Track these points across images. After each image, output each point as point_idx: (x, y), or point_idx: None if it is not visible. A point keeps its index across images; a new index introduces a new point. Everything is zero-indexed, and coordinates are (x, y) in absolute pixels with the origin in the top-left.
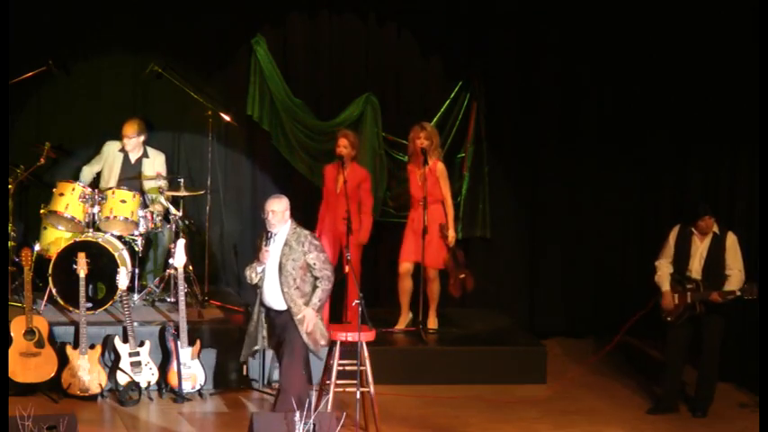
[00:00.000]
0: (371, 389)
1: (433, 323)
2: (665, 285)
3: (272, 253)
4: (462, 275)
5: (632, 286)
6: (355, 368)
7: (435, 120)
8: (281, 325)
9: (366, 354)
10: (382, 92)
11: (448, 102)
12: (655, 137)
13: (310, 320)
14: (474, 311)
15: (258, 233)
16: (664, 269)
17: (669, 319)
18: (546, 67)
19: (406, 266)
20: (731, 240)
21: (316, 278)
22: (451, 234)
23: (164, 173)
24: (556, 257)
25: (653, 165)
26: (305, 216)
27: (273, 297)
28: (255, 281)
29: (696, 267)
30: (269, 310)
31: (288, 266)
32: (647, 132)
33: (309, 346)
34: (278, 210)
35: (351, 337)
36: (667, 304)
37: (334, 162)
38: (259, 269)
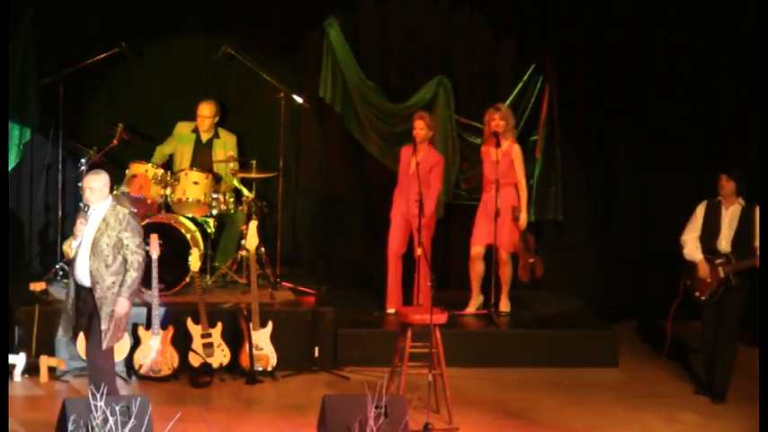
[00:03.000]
0: (443, 371)
1: (505, 306)
2: (698, 254)
3: (88, 229)
4: (532, 260)
5: None
6: (427, 351)
7: (508, 103)
8: (91, 303)
9: (438, 336)
10: (454, 74)
11: (521, 85)
12: (731, 118)
13: (122, 308)
14: (545, 294)
15: (79, 209)
16: (692, 242)
17: (702, 297)
18: (618, 48)
19: (477, 249)
20: (759, 212)
21: (126, 261)
22: (523, 217)
23: (235, 154)
24: (628, 240)
25: (726, 145)
26: (377, 198)
27: (83, 273)
28: (71, 255)
29: (725, 240)
30: (80, 287)
31: (102, 243)
32: (723, 113)
33: (103, 333)
34: (95, 186)
35: (423, 319)
36: (704, 273)
37: (410, 144)
38: (74, 244)
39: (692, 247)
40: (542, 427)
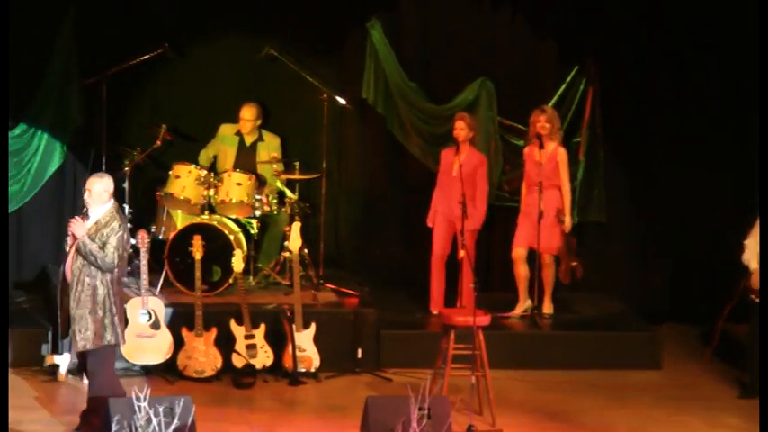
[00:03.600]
0: (486, 373)
1: (548, 308)
2: (754, 263)
3: (80, 230)
4: (574, 263)
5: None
6: (470, 353)
7: (551, 105)
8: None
9: (481, 338)
10: (496, 76)
11: (563, 86)
12: None
13: (78, 229)
14: (588, 296)
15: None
16: (752, 247)
17: (758, 300)
18: (660, 50)
19: (519, 252)
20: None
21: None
22: (568, 220)
23: (279, 156)
24: (670, 242)
25: None
26: (418, 199)
27: (69, 272)
28: (67, 249)
29: None
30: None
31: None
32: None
33: (73, 334)
34: (94, 190)
35: (466, 321)
36: (755, 283)
37: (450, 146)
38: (69, 242)
39: (750, 252)
40: (584, 430)
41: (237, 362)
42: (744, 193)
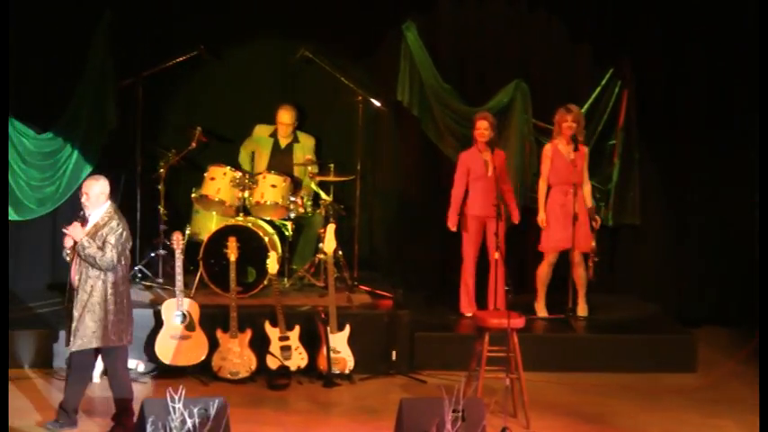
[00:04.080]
0: (521, 376)
1: (583, 310)
2: None
3: (78, 233)
4: (597, 260)
5: None
6: (504, 355)
7: (586, 107)
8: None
9: (515, 340)
10: (530, 78)
11: (598, 89)
12: None
13: (76, 232)
14: (622, 299)
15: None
16: None
17: None
18: (695, 52)
19: (555, 256)
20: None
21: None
22: (599, 217)
23: (313, 157)
24: (704, 245)
25: None
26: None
27: (74, 275)
28: (68, 260)
29: None
30: (74, 290)
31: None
32: None
33: (72, 333)
34: (92, 193)
35: (500, 323)
36: None
37: (469, 147)
38: (68, 246)
39: None
40: None
41: (272, 363)
42: None
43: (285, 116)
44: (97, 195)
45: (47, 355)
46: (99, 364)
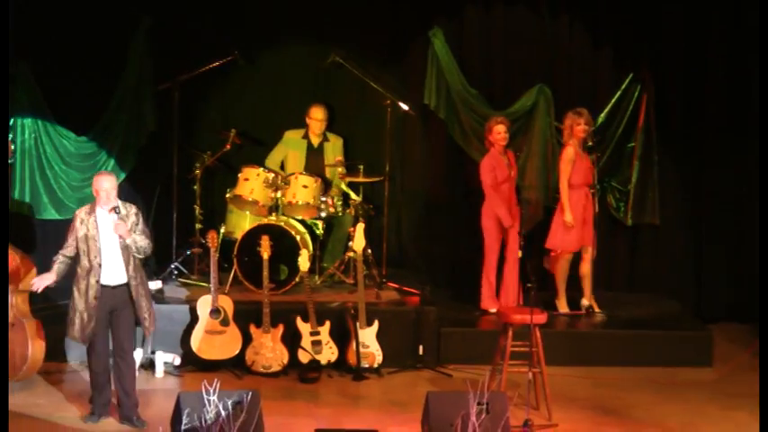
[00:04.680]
0: (543, 370)
1: (590, 300)
2: None
3: (104, 230)
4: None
5: None
6: (527, 350)
7: (606, 110)
8: (117, 299)
9: (538, 336)
10: (553, 82)
11: (619, 93)
12: None
13: (122, 229)
14: (642, 296)
15: (73, 219)
16: None
17: None
18: (713, 56)
19: (572, 255)
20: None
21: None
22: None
23: (342, 157)
24: (722, 243)
25: None
26: (478, 201)
27: (115, 272)
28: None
29: None
30: (105, 288)
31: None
32: None
33: (146, 321)
34: (111, 187)
35: (523, 319)
36: None
37: (490, 152)
38: (64, 256)
39: None
40: (638, 425)
41: (303, 357)
42: None
43: (318, 113)
44: (114, 189)
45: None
46: (138, 357)
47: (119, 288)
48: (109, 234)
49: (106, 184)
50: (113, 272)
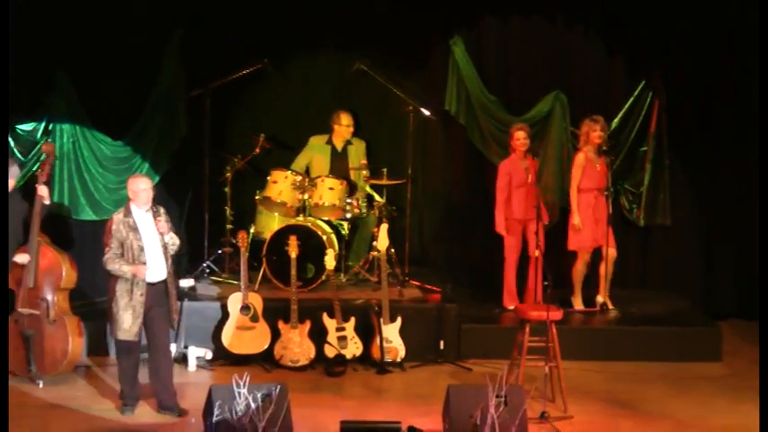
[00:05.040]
0: (558, 364)
1: (605, 298)
2: None
3: (145, 229)
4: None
5: None
6: (543, 345)
7: (619, 116)
8: (155, 296)
9: (554, 331)
10: (569, 89)
11: (631, 99)
12: None
13: (165, 227)
14: (653, 293)
15: (107, 224)
16: None
17: None
18: (721, 65)
19: (589, 255)
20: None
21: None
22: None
23: (365, 160)
24: (730, 243)
25: None
26: (493, 204)
27: (157, 269)
28: (144, 259)
29: None
30: (149, 284)
31: (166, 237)
32: None
33: (172, 314)
34: (148, 188)
35: (540, 315)
36: None
37: (510, 156)
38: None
39: None
40: (650, 417)
41: (329, 352)
42: None
43: (346, 119)
44: (151, 189)
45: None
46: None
47: (158, 285)
48: (149, 233)
49: (143, 185)
50: (155, 269)
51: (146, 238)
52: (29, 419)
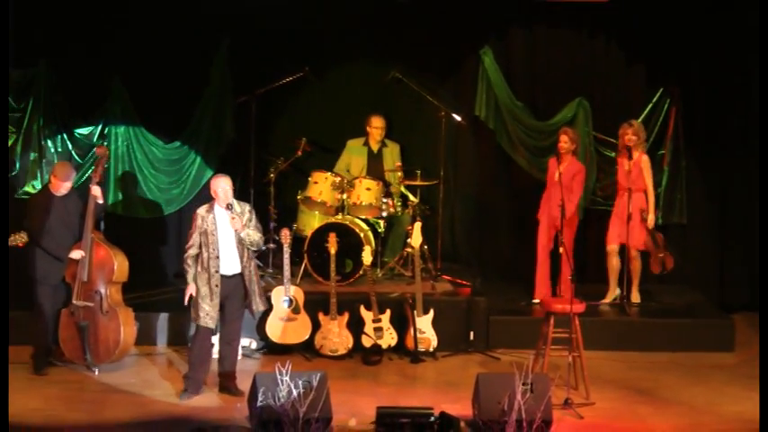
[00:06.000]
0: (581, 354)
1: (636, 297)
2: None
3: (222, 224)
4: (661, 255)
5: None
6: (567, 336)
7: (639, 121)
8: (231, 287)
9: (577, 323)
10: (592, 96)
11: (650, 106)
12: None
13: (238, 224)
14: (671, 287)
15: (192, 217)
16: None
17: None
18: (734, 74)
19: (612, 247)
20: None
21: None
22: (651, 218)
23: (399, 162)
24: (742, 241)
25: None
26: (523, 202)
27: (231, 263)
28: (218, 253)
29: None
30: (223, 277)
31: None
32: None
33: (257, 306)
34: (227, 187)
35: (564, 308)
36: None
37: (554, 155)
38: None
39: None
40: (667, 403)
41: (366, 342)
42: None
43: (378, 121)
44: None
45: (184, 334)
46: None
47: (234, 278)
48: (225, 229)
49: (223, 184)
50: (229, 263)
51: (221, 233)
52: (85, 403)
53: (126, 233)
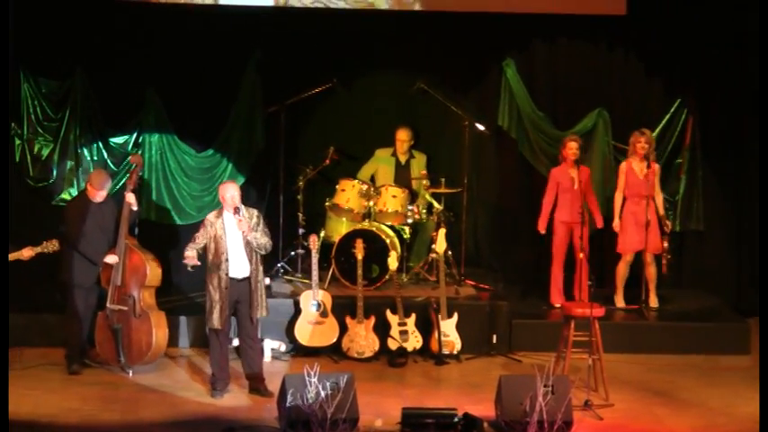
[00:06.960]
0: (601, 357)
1: (654, 302)
2: None
3: (231, 229)
4: (669, 257)
5: None
6: (587, 339)
7: (657, 131)
8: (241, 291)
9: (596, 327)
10: (611, 106)
11: (668, 116)
12: None
13: (245, 226)
14: (688, 292)
15: (202, 222)
16: None
17: None
18: (749, 85)
19: (631, 256)
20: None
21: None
22: (669, 223)
23: (425, 171)
24: (758, 246)
25: None
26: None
27: (240, 266)
28: (227, 256)
29: None
30: (233, 280)
31: (250, 237)
32: None
33: (259, 312)
34: (235, 193)
35: (584, 312)
36: None
37: (557, 165)
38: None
39: None
40: (684, 404)
41: (392, 345)
42: None
43: (403, 134)
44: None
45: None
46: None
47: (244, 281)
48: (234, 233)
49: (231, 190)
50: (239, 266)
51: (230, 237)
52: (119, 403)
53: (158, 239)
